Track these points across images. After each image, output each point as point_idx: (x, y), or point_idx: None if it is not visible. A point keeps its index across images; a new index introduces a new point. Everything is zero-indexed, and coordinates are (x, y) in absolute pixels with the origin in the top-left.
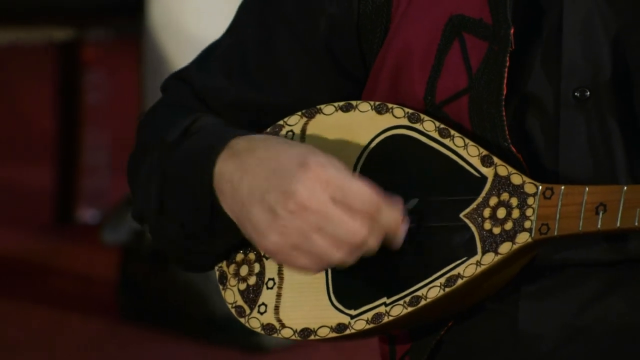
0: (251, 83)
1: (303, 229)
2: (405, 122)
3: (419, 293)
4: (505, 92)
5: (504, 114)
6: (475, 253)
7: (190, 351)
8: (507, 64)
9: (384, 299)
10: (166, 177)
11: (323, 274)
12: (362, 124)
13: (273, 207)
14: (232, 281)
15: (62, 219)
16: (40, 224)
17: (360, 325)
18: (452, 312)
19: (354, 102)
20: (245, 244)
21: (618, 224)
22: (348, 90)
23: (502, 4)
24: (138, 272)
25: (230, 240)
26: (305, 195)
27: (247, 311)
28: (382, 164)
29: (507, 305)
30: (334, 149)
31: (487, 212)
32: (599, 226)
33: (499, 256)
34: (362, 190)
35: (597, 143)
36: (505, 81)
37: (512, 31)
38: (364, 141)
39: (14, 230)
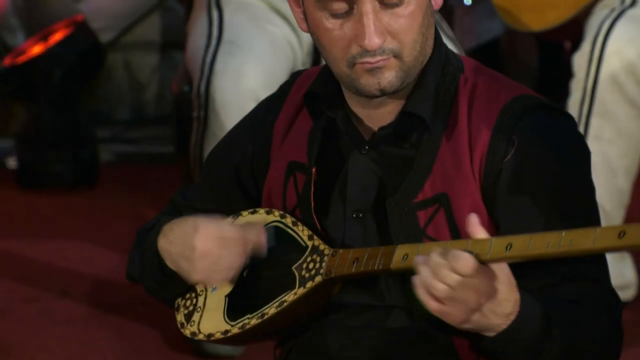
0: (204, 201)
1: (205, 268)
2: (279, 218)
3: (265, 311)
4: (313, 204)
5: (315, 218)
6: (295, 288)
7: None
8: (312, 189)
9: (248, 315)
10: (142, 254)
11: (223, 302)
12: (259, 219)
13: (189, 258)
14: (182, 309)
15: None
16: None
17: (235, 330)
18: (292, 324)
19: (257, 209)
20: (191, 288)
21: (362, 269)
22: (254, 202)
23: (312, 153)
24: None
25: (181, 285)
26: (201, 246)
27: (186, 325)
28: (266, 241)
29: (321, 325)
30: None
31: (304, 265)
32: (353, 270)
33: (306, 289)
34: (232, 232)
35: (367, 237)
36: (312, 199)
37: (314, 170)
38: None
39: None
